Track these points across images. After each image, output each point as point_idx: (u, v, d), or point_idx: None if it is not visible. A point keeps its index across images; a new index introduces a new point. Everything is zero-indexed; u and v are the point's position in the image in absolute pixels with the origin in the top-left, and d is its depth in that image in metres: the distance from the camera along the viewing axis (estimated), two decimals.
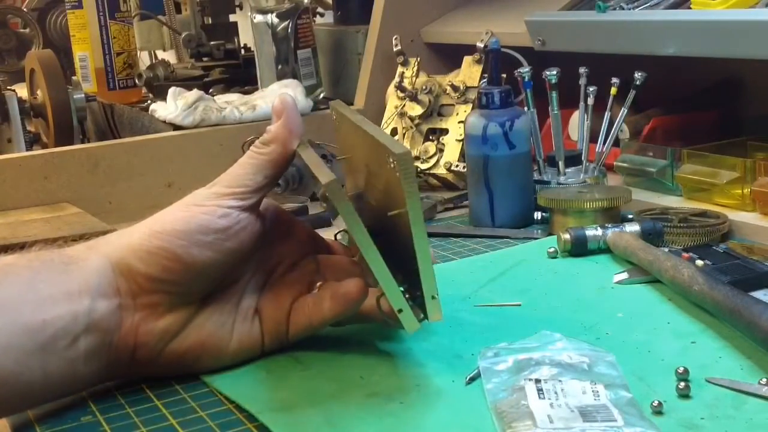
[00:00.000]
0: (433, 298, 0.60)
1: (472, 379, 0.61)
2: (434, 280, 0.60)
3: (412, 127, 1.24)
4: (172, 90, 1.42)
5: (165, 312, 0.63)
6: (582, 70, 1.05)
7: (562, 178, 1.05)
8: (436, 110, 1.24)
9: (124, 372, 0.65)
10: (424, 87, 1.25)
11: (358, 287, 0.64)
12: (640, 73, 1.02)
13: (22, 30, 2.58)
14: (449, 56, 1.37)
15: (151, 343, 0.63)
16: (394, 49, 1.30)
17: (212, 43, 1.83)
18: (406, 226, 0.59)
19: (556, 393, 0.56)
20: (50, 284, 0.61)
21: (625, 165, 1.09)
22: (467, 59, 1.24)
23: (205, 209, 0.63)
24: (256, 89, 1.59)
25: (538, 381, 0.58)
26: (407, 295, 0.62)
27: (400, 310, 0.61)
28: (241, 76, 1.76)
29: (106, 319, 0.61)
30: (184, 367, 0.66)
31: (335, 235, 0.77)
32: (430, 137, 1.23)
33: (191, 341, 0.64)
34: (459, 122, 1.20)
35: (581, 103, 1.06)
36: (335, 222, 1.06)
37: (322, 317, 0.66)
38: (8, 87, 1.75)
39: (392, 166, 0.58)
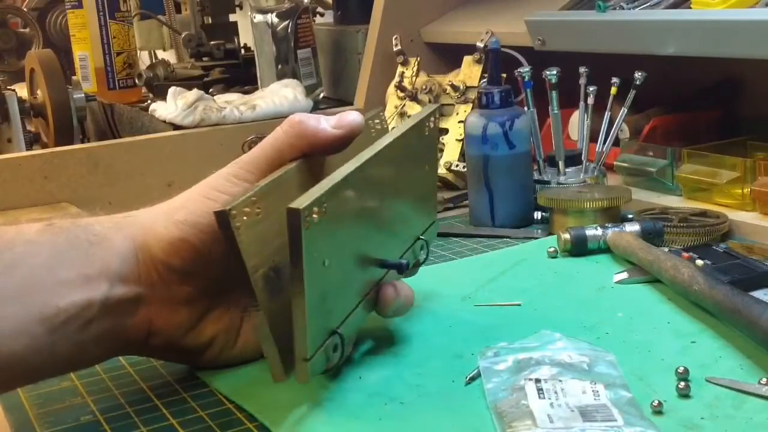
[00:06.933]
0: (305, 360, 0.57)
1: (472, 379, 0.61)
2: (306, 341, 0.56)
3: None
4: (172, 90, 1.42)
5: (181, 305, 0.63)
6: (582, 69, 1.05)
7: (562, 178, 1.05)
8: None
9: (136, 353, 0.66)
10: (424, 87, 1.25)
11: None
12: (640, 73, 1.02)
13: (22, 30, 2.58)
14: (449, 56, 1.37)
15: (165, 334, 0.63)
16: (394, 49, 1.30)
17: (212, 43, 1.83)
18: None
19: (556, 393, 0.56)
20: (70, 267, 0.59)
21: (625, 165, 1.09)
22: (467, 59, 1.24)
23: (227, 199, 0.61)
24: (256, 89, 1.60)
25: (538, 381, 0.58)
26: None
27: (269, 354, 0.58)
28: (241, 75, 1.77)
29: (122, 305, 0.60)
30: (191, 360, 0.66)
31: None
32: None
33: (204, 338, 0.64)
34: (459, 122, 1.20)
35: (581, 103, 1.06)
36: None
37: None
38: (8, 87, 1.75)
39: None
